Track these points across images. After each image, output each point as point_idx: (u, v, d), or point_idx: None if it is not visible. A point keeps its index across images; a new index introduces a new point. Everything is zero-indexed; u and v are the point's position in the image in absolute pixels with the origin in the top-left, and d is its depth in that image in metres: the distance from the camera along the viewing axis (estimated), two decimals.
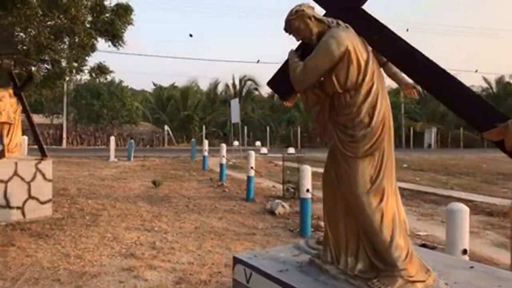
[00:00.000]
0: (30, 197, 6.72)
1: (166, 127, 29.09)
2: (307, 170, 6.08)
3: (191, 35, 37.35)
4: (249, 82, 38.32)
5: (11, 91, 7.25)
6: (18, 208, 6.57)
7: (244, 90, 37.62)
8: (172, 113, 33.67)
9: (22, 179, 6.66)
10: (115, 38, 7.94)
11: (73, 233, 5.82)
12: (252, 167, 8.80)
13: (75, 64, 9.29)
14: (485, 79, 40.03)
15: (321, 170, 2.52)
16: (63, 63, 8.89)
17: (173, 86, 38.77)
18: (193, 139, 20.27)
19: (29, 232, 5.82)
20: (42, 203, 6.87)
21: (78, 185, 10.55)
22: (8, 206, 6.47)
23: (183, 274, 4.33)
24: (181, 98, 34.51)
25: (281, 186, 10.99)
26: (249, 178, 8.79)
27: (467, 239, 3.50)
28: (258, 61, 34.30)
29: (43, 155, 7.14)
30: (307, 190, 6.00)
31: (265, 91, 41.01)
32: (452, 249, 3.47)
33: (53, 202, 7.07)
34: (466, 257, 3.39)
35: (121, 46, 8.08)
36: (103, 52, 10.00)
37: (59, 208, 7.46)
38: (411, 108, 38.37)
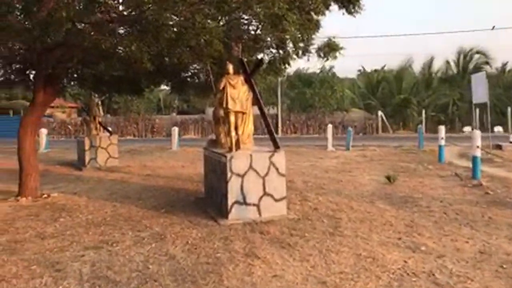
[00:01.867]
0: (265, 193, 5.99)
1: (380, 113, 26.77)
2: None
3: None
4: (476, 56, 31.99)
5: (242, 78, 6.74)
6: (254, 205, 5.93)
7: (470, 66, 31.63)
8: (384, 98, 30.98)
9: (257, 173, 5.99)
10: (351, 3, 6.52)
11: (318, 245, 4.67)
12: None
13: (301, 45, 8.41)
14: None
15: None
16: (289, 45, 8.12)
17: (382, 69, 35.91)
18: (419, 126, 17.55)
19: (268, 237, 4.99)
20: (277, 200, 6.08)
21: (302, 177, 9.84)
22: (244, 202, 5.89)
23: None
24: (395, 81, 31.34)
25: None
26: None
27: None
28: (494, 27, 27.64)
29: (276, 147, 6.37)
30: None
31: (496, 65, 33.48)
32: None
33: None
34: None
35: (358, 12, 6.62)
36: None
37: (290, 205, 6.63)
38: None
